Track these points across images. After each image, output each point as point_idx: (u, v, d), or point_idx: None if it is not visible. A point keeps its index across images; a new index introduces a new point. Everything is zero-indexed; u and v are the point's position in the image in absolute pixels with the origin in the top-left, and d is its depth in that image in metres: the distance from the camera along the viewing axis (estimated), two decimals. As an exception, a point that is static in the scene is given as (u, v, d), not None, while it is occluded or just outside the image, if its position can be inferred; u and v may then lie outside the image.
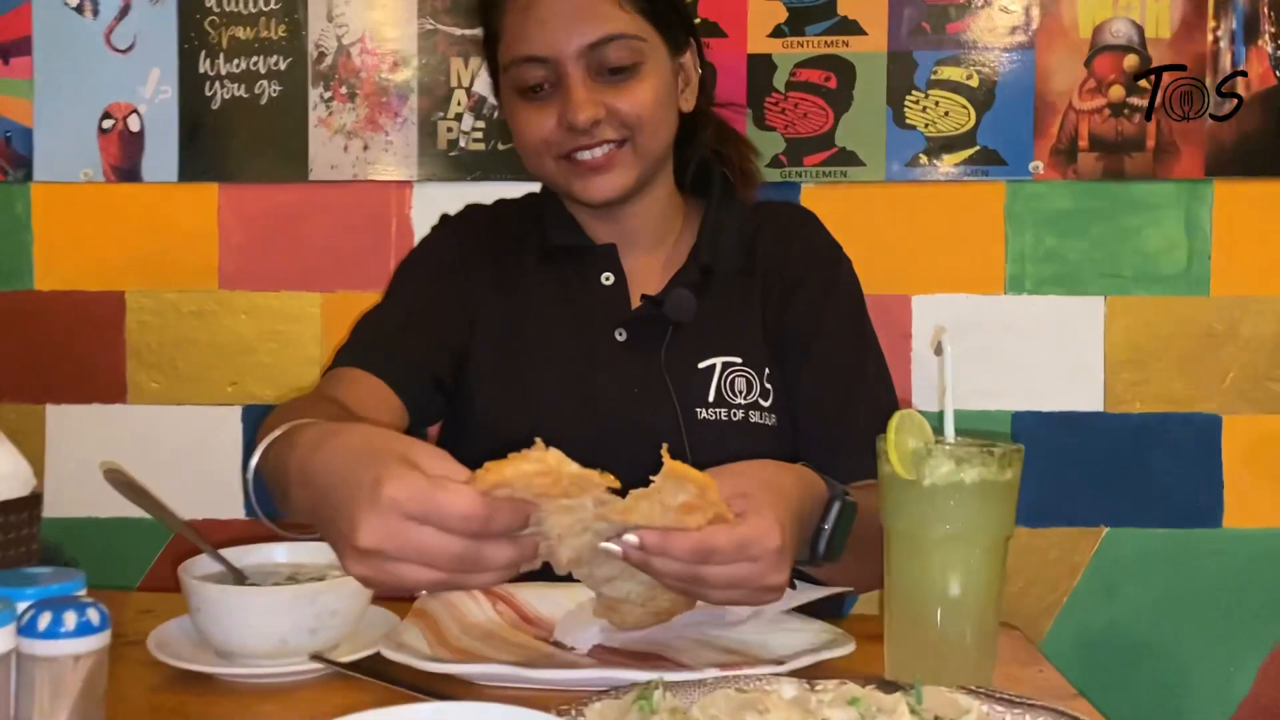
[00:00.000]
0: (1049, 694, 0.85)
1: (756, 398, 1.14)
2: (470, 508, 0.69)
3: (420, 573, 0.71)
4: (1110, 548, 1.52)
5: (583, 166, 1.12)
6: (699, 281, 1.16)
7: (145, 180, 1.55)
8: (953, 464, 0.78)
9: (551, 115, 1.11)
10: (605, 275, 1.19)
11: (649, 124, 1.12)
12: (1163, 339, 1.51)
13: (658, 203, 1.21)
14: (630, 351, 1.15)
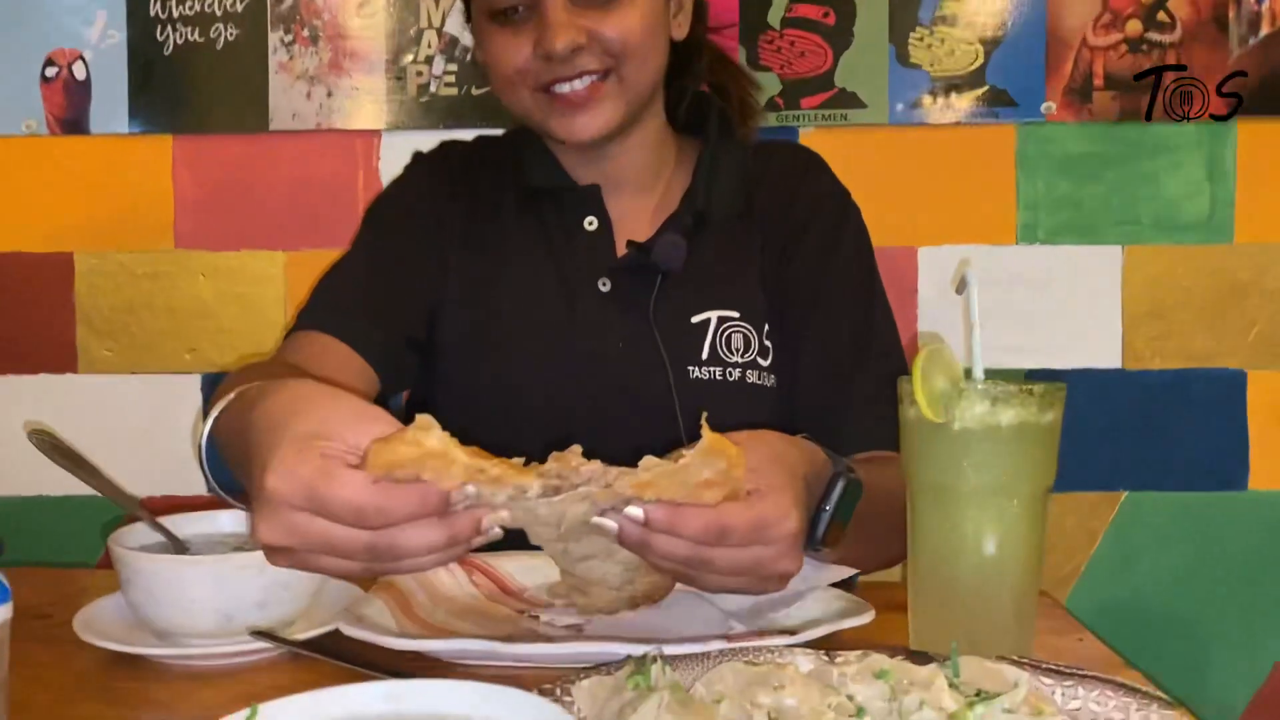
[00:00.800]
0: (1095, 665, 0.76)
1: (755, 356, 1.04)
2: (357, 498, 0.59)
3: (337, 564, 0.62)
4: (1129, 513, 1.44)
5: (562, 102, 1.01)
6: (692, 228, 1.06)
7: (93, 132, 1.44)
8: (988, 404, 0.69)
9: (527, 42, 1.01)
10: (588, 220, 1.09)
11: (636, 52, 1.01)
12: (1184, 290, 1.42)
13: (647, 141, 1.10)
14: (615, 304, 1.05)
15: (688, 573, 0.71)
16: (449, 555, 0.64)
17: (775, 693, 0.60)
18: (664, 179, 1.12)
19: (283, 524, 0.61)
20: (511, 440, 0.88)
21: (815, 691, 0.60)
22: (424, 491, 0.60)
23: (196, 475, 1.44)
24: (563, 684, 0.61)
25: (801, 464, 0.76)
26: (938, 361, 0.70)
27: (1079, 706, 0.62)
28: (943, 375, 0.70)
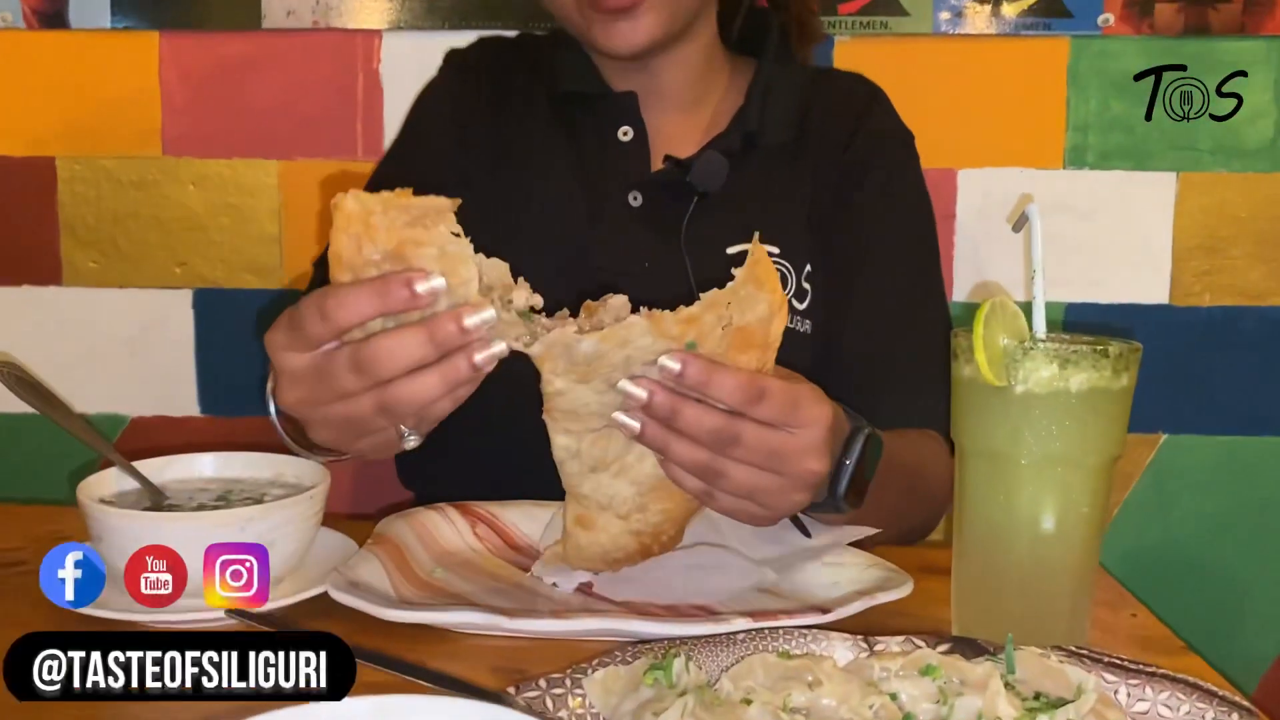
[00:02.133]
0: (1152, 648, 0.70)
1: (791, 297, 0.96)
2: (320, 295, 0.62)
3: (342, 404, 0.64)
4: (1167, 456, 1.36)
5: (605, 7, 0.93)
6: (738, 150, 0.98)
7: (73, 27, 1.34)
8: (1056, 366, 0.61)
9: None
10: (623, 130, 1.01)
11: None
12: (1241, 222, 1.33)
13: (695, 55, 1.02)
14: (645, 221, 0.98)
15: (710, 464, 0.65)
16: (446, 374, 0.62)
17: (811, 691, 0.53)
18: (713, 97, 1.04)
19: (282, 367, 0.64)
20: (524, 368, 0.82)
21: (855, 689, 0.54)
22: (383, 279, 0.60)
23: (186, 394, 1.39)
24: (573, 674, 0.55)
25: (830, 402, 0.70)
26: (1001, 316, 0.63)
27: (1146, 709, 0.56)
28: (1006, 332, 0.62)
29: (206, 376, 1.39)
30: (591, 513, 0.70)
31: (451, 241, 0.62)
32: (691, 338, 0.63)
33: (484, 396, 0.97)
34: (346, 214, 0.61)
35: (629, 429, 0.63)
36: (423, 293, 0.60)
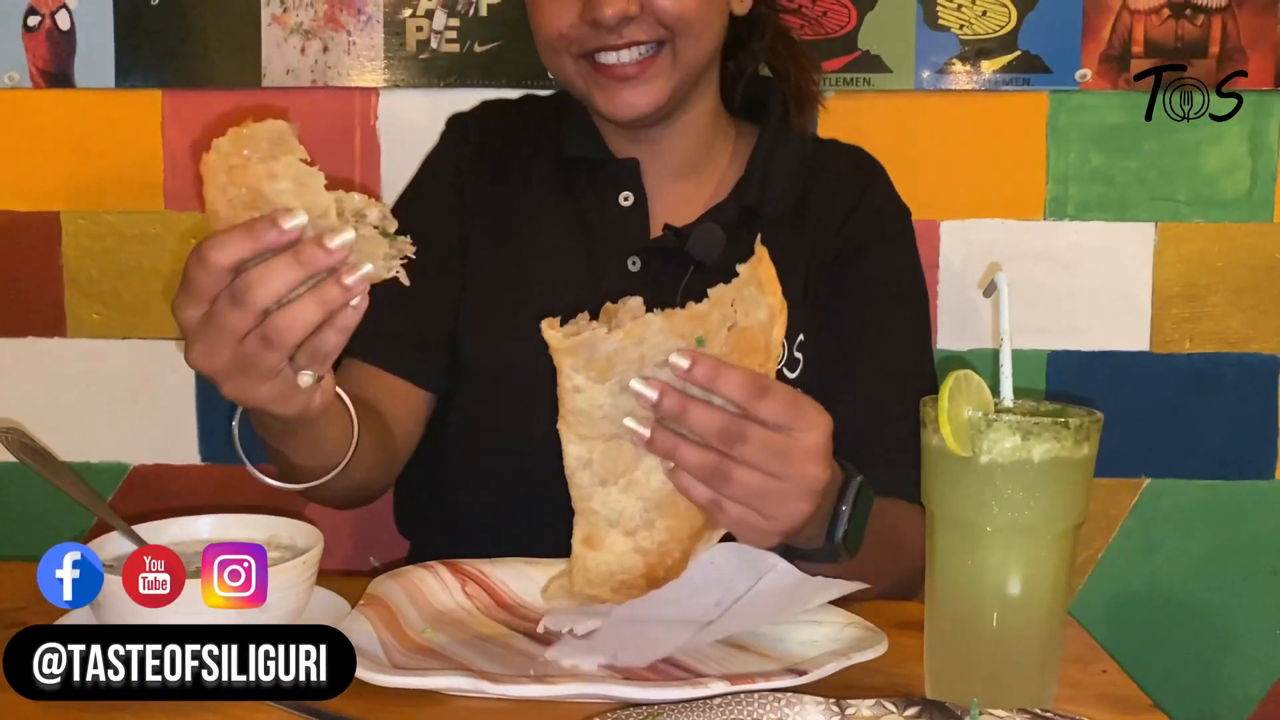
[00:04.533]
0: (1120, 705, 0.72)
1: (782, 367, 0.99)
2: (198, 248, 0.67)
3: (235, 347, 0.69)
4: (1151, 500, 1.39)
5: (607, 73, 0.96)
6: (736, 221, 1.01)
7: (78, 86, 1.38)
8: (1018, 437, 0.64)
9: (575, 5, 0.95)
10: (624, 195, 1.04)
11: (693, 25, 0.96)
12: (1219, 271, 1.36)
13: (697, 123, 1.05)
14: (643, 286, 1.00)
15: (717, 467, 0.69)
16: (320, 296, 0.66)
17: (781, 757, 0.56)
18: (715, 164, 1.07)
19: (183, 326, 0.69)
20: (524, 419, 0.86)
21: (825, 755, 0.56)
22: (251, 220, 0.65)
23: (186, 441, 1.42)
24: (552, 741, 0.57)
25: None
26: (965, 388, 0.65)
27: (1107, 773, 0.58)
28: (971, 404, 0.65)
29: (207, 425, 1.42)
30: (599, 530, 0.72)
31: (304, 172, 0.67)
32: (700, 334, 0.68)
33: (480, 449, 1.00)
34: (210, 166, 0.67)
35: (639, 435, 0.68)
36: (288, 227, 0.65)
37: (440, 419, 1.03)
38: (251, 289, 0.66)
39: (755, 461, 0.68)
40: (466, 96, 1.31)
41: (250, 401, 0.73)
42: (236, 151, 0.66)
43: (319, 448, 0.83)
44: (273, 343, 0.67)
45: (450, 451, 1.02)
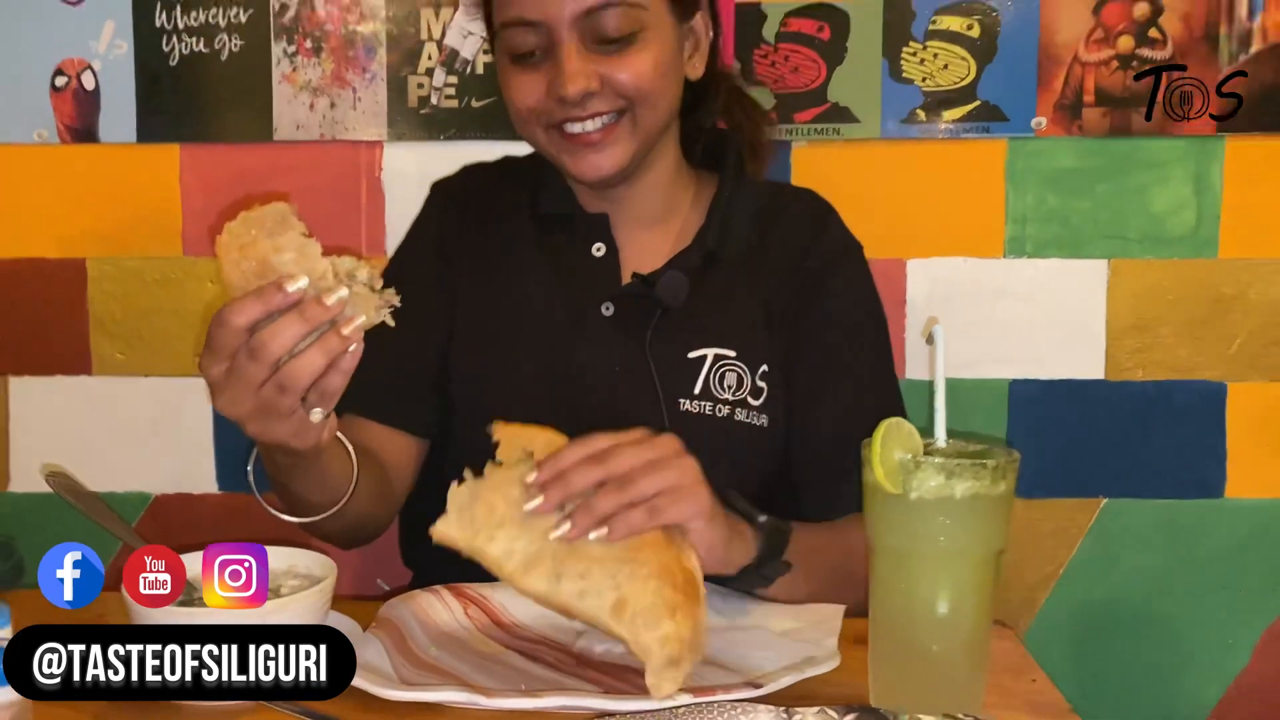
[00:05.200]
0: (1042, 711, 0.81)
1: (746, 395, 1.08)
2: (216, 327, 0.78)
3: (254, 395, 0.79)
4: (1108, 519, 1.48)
5: (575, 140, 1.05)
6: (699, 266, 1.10)
7: (102, 141, 1.48)
8: (942, 477, 0.73)
9: (542, 82, 1.05)
10: (596, 246, 1.13)
11: (649, 96, 1.05)
12: (1168, 304, 1.45)
13: (660, 178, 1.14)
14: (615, 329, 1.09)
15: (624, 494, 0.81)
16: (323, 346, 0.77)
17: (733, 756, 0.65)
18: (679, 213, 1.16)
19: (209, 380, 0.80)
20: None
21: (771, 755, 0.65)
22: (261, 286, 0.76)
23: (205, 472, 1.52)
24: (538, 745, 0.67)
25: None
26: (896, 434, 0.74)
27: (1016, 769, 0.67)
28: (900, 448, 0.74)
29: (224, 456, 1.51)
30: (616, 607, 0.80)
31: (303, 243, 0.78)
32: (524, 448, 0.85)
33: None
34: (224, 245, 0.78)
35: (566, 535, 0.79)
36: (291, 290, 0.76)
37: (438, 458, 1.12)
38: (265, 345, 0.77)
39: (645, 473, 0.81)
40: (464, 148, 1.42)
41: (270, 439, 0.83)
42: (246, 231, 0.77)
43: (325, 482, 0.94)
44: (286, 389, 0.78)
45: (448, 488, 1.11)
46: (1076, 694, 1.48)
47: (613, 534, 0.80)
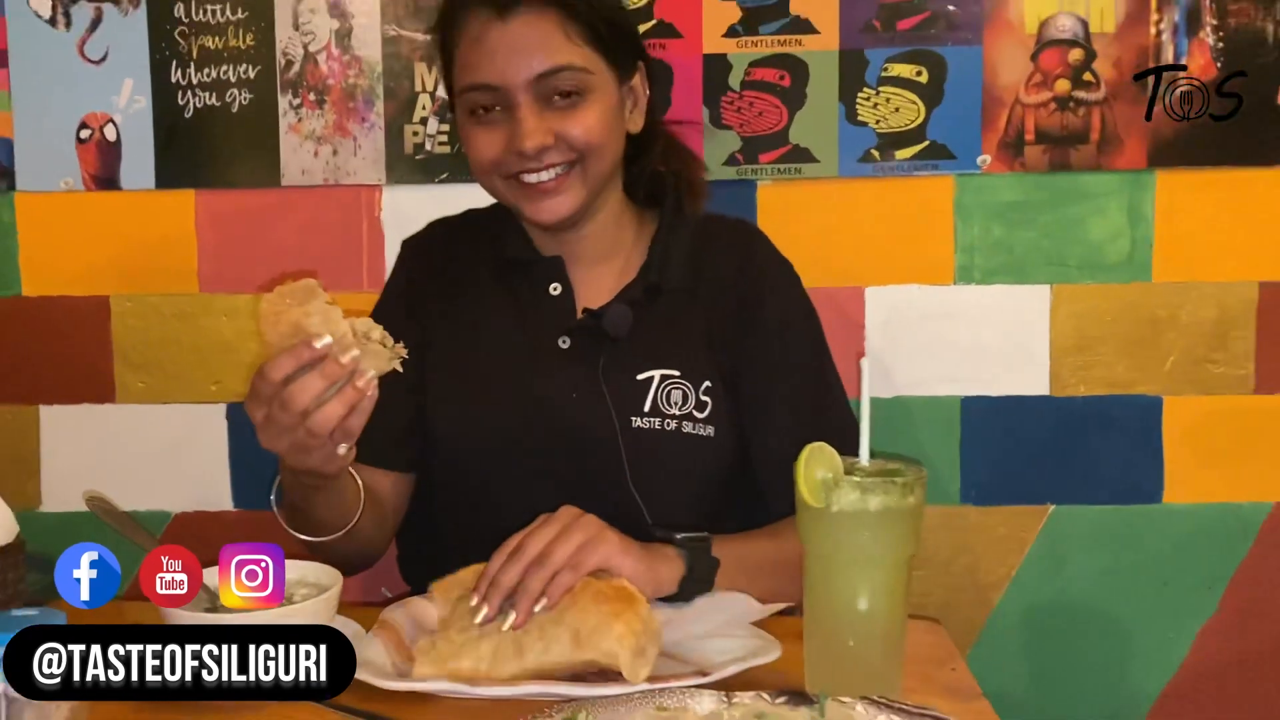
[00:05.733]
0: (956, 694, 0.93)
1: (691, 409, 1.19)
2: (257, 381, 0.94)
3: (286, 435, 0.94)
4: (1056, 524, 1.59)
5: (532, 189, 1.17)
6: (643, 297, 1.21)
7: (124, 188, 1.60)
8: (858, 493, 0.85)
9: (501, 138, 1.15)
10: (553, 286, 1.23)
11: (596, 148, 1.16)
12: (1106, 325, 1.57)
13: (607, 220, 1.25)
14: (572, 359, 1.21)
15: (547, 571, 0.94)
16: (343, 397, 0.92)
17: (676, 732, 0.77)
18: (624, 250, 1.27)
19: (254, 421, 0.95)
20: (492, 482, 1.09)
21: (708, 731, 0.77)
22: (294, 345, 0.90)
23: (221, 491, 1.65)
24: (513, 723, 0.79)
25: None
26: (819, 457, 0.86)
27: (916, 739, 0.79)
28: (822, 468, 0.86)
29: (239, 476, 1.64)
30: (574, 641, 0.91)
31: (328, 309, 0.93)
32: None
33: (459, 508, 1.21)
34: (264, 313, 0.93)
35: (515, 622, 0.93)
36: (318, 346, 0.91)
37: (428, 486, 1.25)
38: (294, 397, 0.91)
39: (554, 545, 0.95)
40: (456, 190, 1.54)
41: (304, 467, 0.99)
42: (281, 301, 0.91)
43: (340, 505, 1.08)
44: (314, 433, 0.94)
45: (437, 512, 1.24)
46: (1029, 686, 1.62)
47: (551, 601, 0.93)
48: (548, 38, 1.14)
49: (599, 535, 0.97)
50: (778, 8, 1.53)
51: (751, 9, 1.54)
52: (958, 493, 1.59)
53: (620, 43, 1.19)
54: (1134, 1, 1.51)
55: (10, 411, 1.64)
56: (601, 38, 1.16)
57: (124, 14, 1.58)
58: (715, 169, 1.54)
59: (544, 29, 1.14)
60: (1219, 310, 1.55)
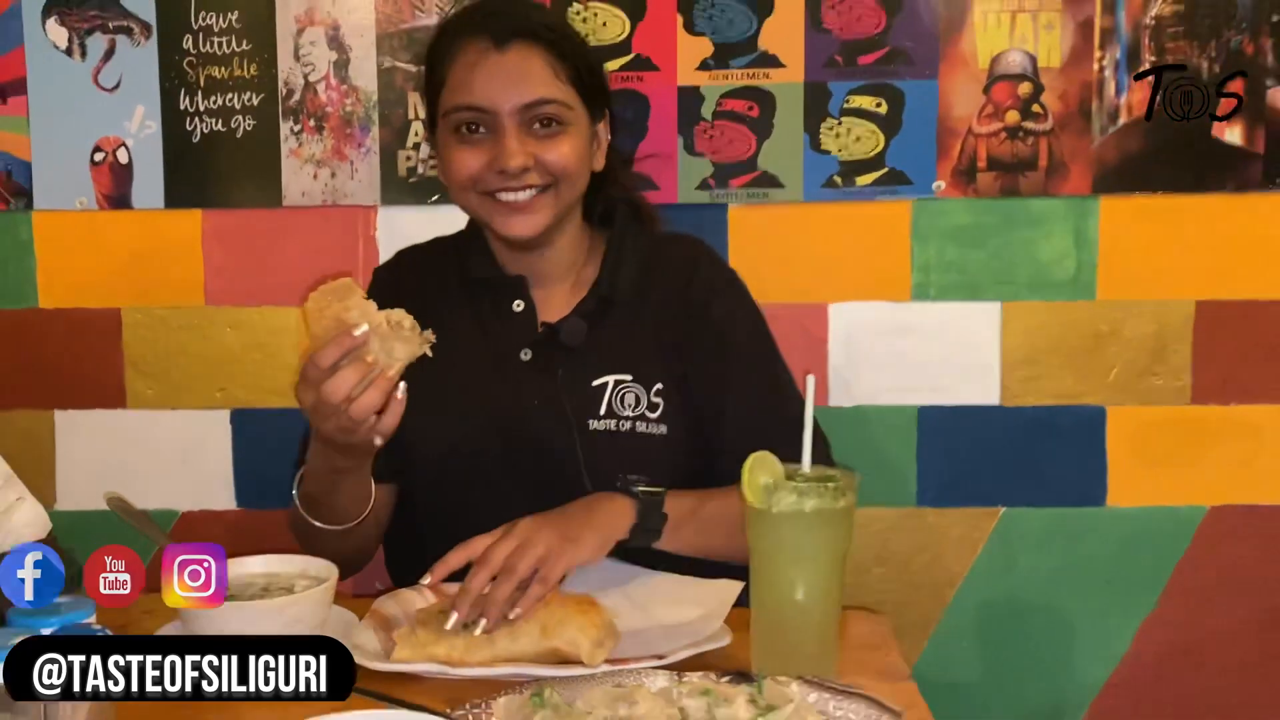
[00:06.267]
0: (885, 675, 1.03)
1: (644, 410, 1.28)
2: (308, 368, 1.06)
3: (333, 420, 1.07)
4: (1007, 525, 1.70)
5: (505, 206, 1.25)
6: (595, 310, 1.30)
7: (135, 207, 1.70)
8: (795, 496, 0.96)
9: (483, 156, 1.25)
10: (516, 303, 1.33)
11: (570, 175, 1.27)
12: (1053, 339, 1.67)
13: (567, 241, 1.34)
14: (533, 370, 1.31)
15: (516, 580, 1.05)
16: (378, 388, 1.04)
17: (630, 708, 0.88)
18: (579, 267, 1.36)
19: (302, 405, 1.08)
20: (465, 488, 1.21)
21: (659, 706, 0.88)
22: (338, 335, 1.03)
23: (226, 492, 1.77)
24: (487, 698, 0.90)
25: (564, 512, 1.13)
26: (761, 464, 0.97)
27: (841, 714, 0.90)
28: (765, 474, 0.97)
29: (242, 478, 1.74)
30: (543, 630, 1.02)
31: (364, 303, 1.06)
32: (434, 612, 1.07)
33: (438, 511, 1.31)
34: (309, 309, 1.07)
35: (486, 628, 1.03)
36: (357, 334, 1.04)
37: (409, 493, 1.34)
38: (336, 391, 1.04)
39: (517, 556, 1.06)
40: (445, 211, 1.62)
41: (348, 443, 1.11)
42: (323, 298, 1.05)
43: (358, 496, 1.22)
44: (355, 418, 1.06)
45: (418, 516, 1.34)
46: (982, 676, 1.73)
47: (524, 611, 1.04)
48: (537, 71, 1.25)
49: (558, 548, 1.07)
50: (747, 43, 1.64)
51: (723, 44, 1.65)
52: (915, 496, 1.70)
53: (596, 88, 1.31)
54: (1079, 39, 1.62)
55: (28, 416, 1.74)
56: (582, 80, 1.28)
57: (136, 45, 1.68)
58: (689, 193, 1.66)
59: (535, 63, 1.25)
60: (1158, 326, 1.66)
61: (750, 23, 1.64)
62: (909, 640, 1.70)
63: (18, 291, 1.72)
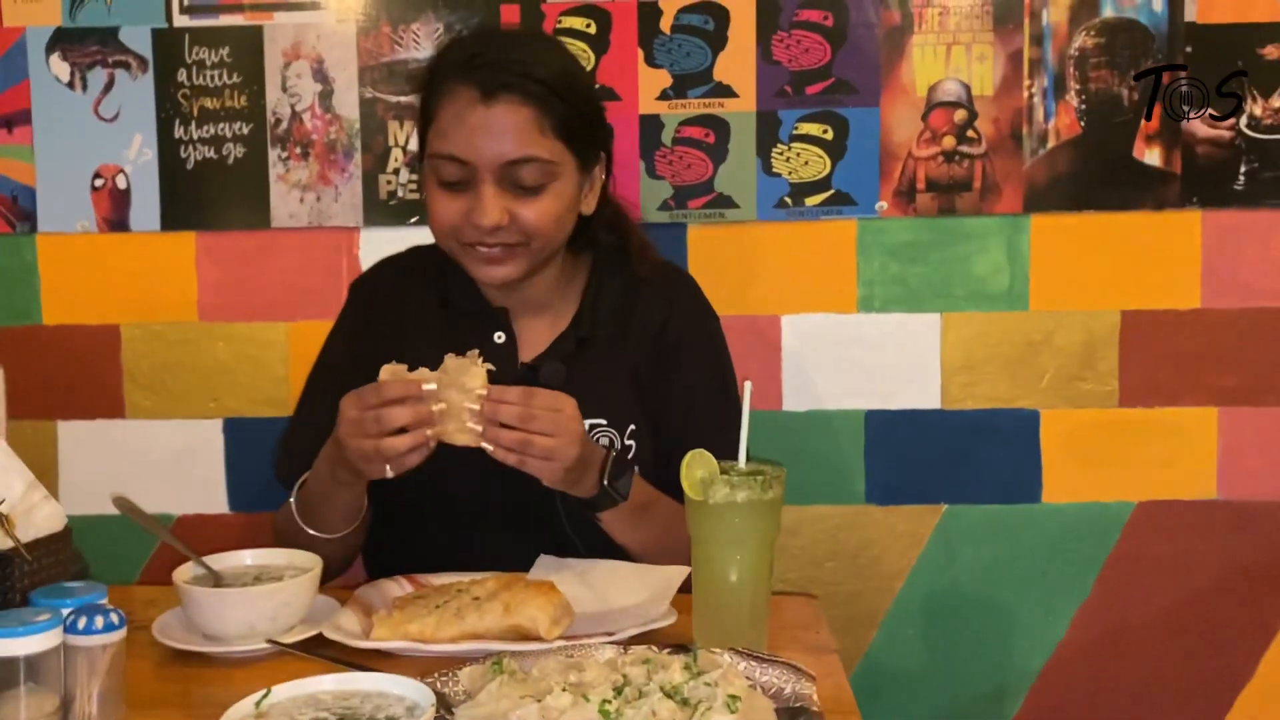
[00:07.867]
0: (812, 650, 1.14)
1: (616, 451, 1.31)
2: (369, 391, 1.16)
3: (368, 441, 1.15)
4: (949, 521, 1.81)
5: (480, 255, 1.28)
6: (573, 350, 1.33)
7: (133, 230, 1.80)
8: (728, 489, 1.08)
9: (462, 208, 1.25)
10: (498, 334, 1.35)
11: (546, 235, 1.27)
12: (990, 348, 1.78)
13: (549, 277, 1.37)
14: None
15: (523, 439, 1.15)
16: (414, 437, 1.13)
17: (579, 674, 0.99)
18: (561, 299, 1.38)
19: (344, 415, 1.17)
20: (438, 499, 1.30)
21: (604, 674, 1.00)
22: (404, 383, 1.14)
23: (218, 496, 1.88)
24: (454, 669, 1.02)
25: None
26: (699, 459, 1.09)
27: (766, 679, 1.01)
28: (702, 469, 1.09)
29: (234, 483, 1.85)
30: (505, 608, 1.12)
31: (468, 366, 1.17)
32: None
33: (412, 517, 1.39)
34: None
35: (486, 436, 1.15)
36: (425, 388, 1.14)
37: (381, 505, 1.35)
38: (388, 418, 1.14)
39: (543, 428, 1.14)
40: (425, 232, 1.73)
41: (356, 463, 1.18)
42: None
43: (352, 509, 1.29)
44: (381, 453, 1.15)
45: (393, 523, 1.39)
46: (926, 663, 1.85)
47: (495, 455, 1.15)
48: (522, 128, 1.23)
49: (569, 433, 1.16)
50: (703, 75, 1.77)
51: (681, 75, 1.77)
52: (863, 494, 1.82)
53: (590, 137, 1.30)
54: (1009, 70, 1.75)
55: (31, 426, 1.84)
56: (572, 132, 1.26)
57: (134, 78, 1.80)
58: (651, 213, 1.77)
59: (521, 118, 1.23)
60: (1087, 335, 1.78)
61: (706, 56, 1.76)
62: (860, 629, 1.81)
63: (23, 309, 1.82)
